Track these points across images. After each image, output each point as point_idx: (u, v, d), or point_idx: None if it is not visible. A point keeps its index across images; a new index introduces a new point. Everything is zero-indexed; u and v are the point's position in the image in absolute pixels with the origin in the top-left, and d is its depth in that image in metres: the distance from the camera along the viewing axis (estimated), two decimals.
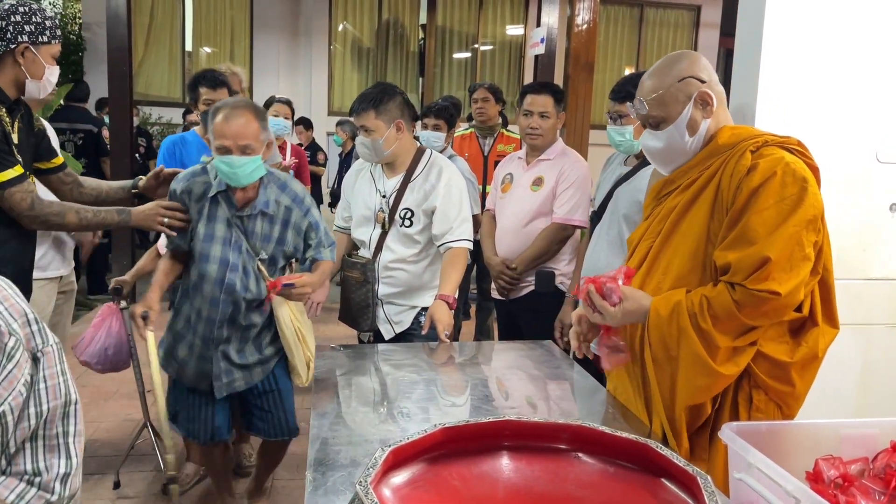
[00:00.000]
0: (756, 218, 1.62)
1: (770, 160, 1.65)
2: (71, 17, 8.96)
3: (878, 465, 1.37)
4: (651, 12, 10.68)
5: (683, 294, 1.69)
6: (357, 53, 10.23)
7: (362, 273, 2.74)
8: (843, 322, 2.52)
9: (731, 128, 1.79)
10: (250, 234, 2.38)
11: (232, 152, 2.24)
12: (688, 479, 0.95)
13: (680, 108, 1.76)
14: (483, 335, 4.94)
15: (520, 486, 1.04)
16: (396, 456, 0.99)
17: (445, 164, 2.77)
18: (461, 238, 2.68)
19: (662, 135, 1.80)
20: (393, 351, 2.48)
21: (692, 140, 1.78)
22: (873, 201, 2.48)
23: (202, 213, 2.39)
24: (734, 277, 1.63)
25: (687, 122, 1.76)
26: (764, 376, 1.71)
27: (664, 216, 1.83)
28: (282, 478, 3.23)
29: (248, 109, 2.29)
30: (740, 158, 1.68)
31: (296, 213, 2.42)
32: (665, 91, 1.76)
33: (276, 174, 2.43)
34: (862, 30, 2.41)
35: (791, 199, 1.62)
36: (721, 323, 1.64)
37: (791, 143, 1.75)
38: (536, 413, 1.91)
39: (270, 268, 2.43)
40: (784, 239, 1.60)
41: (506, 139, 4.74)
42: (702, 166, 1.78)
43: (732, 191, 1.67)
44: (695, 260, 1.74)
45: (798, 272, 1.62)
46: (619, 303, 1.71)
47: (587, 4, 5.41)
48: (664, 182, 1.88)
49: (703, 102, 1.76)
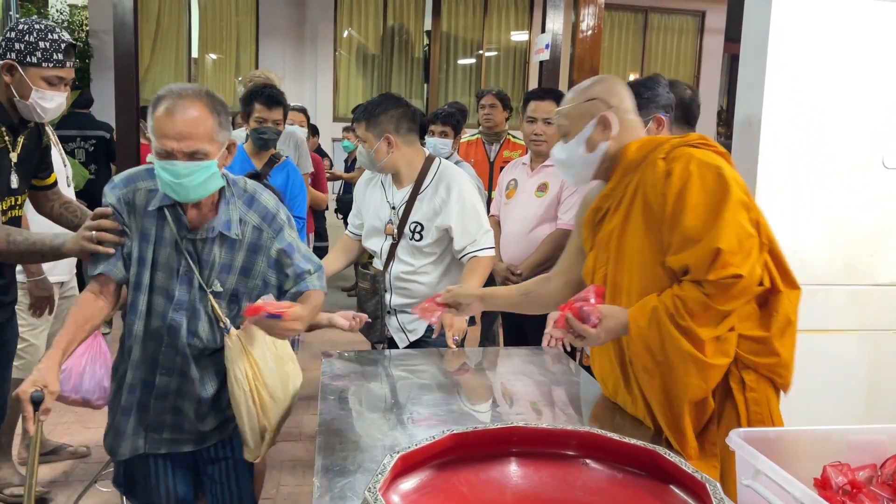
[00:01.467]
0: (691, 217, 1.69)
1: (682, 161, 1.74)
2: (78, 25, 9.01)
3: (887, 471, 1.37)
4: (655, 18, 10.68)
5: (656, 299, 1.74)
6: (362, 60, 10.25)
7: (372, 284, 2.75)
8: (851, 328, 2.53)
9: (636, 143, 1.88)
10: (205, 263, 1.88)
11: (175, 157, 1.74)
12: (696, 485, 0.95)
13: (582, 124, 1.90)
14: (488, 341, 4.94)
15: (528, 493, 1.05)
16: (405, 462, 0.99)
17: (454, 176, 2.71)
18: (485, 247, 2.67)
19: (566, 147, 1.94)
20: (400, 356, 2.48)
21: (589, 156, 1.90)
22: (880, 207, 2.49)
23: (144, 231, 1.88)
24: (696, 276, 1.69)
25: (586, 138, 1.89)
26: (749, 355, 1.77)
27: (606, 241, 1.90)
28: (288, 484, 3.24)
29: (200, 99, 1.78)
30: (655, 168, 1.78)
31: (266, 236, 1.92)
32: (574, 106, 1.92)
33: (241, 185, 1.95)
34: (868, 36, 2.41)
35: (714, 188, 1.70)
36: (698, 317, 1.69)
37: (693, 140, 1.84)
38: (542, 418, 1.92)
39: (230, 307, 1.93)
40: (725, 226, 1.66)
41: (512, 145, 4.74)
42: (622, 185, 1.87)
43: (659, 199, 1.76)
44: (650, 271, 1.80)
45: (750, 250, 1.69)
46: (598, 323, 1.75)
47: (591, 10, 5.42)
48: (594, 210, 1.96)
49: (603, 125, 1.88)
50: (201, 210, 1.87)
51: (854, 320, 2.52)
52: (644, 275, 1.80)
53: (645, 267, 1.80)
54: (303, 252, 1.99)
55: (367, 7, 10.03)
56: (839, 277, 2.51)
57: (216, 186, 1.82)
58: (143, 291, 1.89)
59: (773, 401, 1.81)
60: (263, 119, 3.23)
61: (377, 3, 9.98)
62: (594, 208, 1.96)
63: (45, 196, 2.50)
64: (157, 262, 1.88)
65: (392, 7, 10.10)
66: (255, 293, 1.94)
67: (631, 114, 1.92)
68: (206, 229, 1.87)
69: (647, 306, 1.74)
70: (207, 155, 1.76)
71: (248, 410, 1.91)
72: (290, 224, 1.98)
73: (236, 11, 9.76)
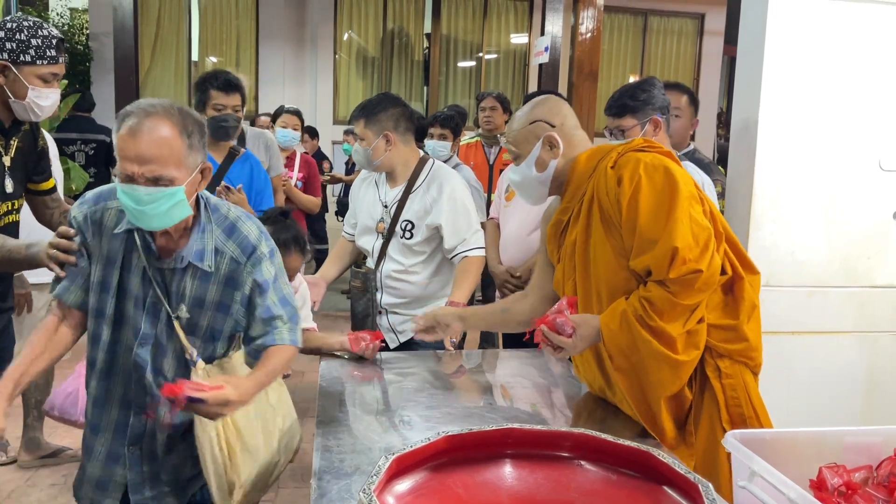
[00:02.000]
0: (645, 219, 1.74)
1: (629, 167, 1.79)
2: (78, 28, 9.03)
3: (882, 472, 1.37)
4: (655, 20, 10.69)
5: (624, 302, 1.79)
6: (362, 62, 10.27)
7: (363, 282, 2.76)
8: (848, 330, 2.54)
9: (584, 154, 1.94)
10: (174, 295, 1.69)
11: (137, 182, 1.54)
12: (689, 486, 0.95)
13: (530, 147, 1.97)
14: (487, 343, 4.94)
15: (523, 494, 1.05)
16: (400, 464, 1.00)
17: (446, 176, 2.73)
18: (475, 247, 2.68)
19: (519, 169, 2.02)
20: (398, 359, 2.48)
21: (540, 176, 1.97)
22: (877, 210, 2.49)
23: (110, 254, 1.69)
24: (658, 276, 1.74)
25: (535, 159, 1.96)
26: (721, 343, 1.81)
27: (570, 253, 1.94)
28: (287, 486, 3.24)
29: (169, 118, 1.57)
30: (606, 177, 1.83)
31: (243, 269, 1.69)
32: (519, 131, 1.99)
33: (223, 210, 1.74)
34: (863, 39, 2.42)
35: (663, 188, 1.75)
36: (666, 315, 1.74)
37: (637, 145, 1.89)
38: (541, 421, 1.92)
39: (207, 345, 1.73)
40: (678, 224, 1.71)
41: None
42: (577, 197, 1.93)
43: (614, 207, 1.80)
44: (617, 275, 1.84)
45: (706, 243, 1.73)
46: (573, 332, 1.81)
47: (591, 13, 5.43)
48: (554, 224, 2.01)
49: (549, 144, 1.94)
50: (171, 237, 1.67)
51: (851, 322, 2.53)
52: (611, 279, 1.85)
53: (611, 272, 1.85)
54: (280, 294, 1.74)
55: (367, 10, 10.06)
56: (836, 279, 2.51)
57: (182, 215, 1.61)
58: (107, 321, 1.70)
59: (751, 383, 1.85)
60: (222, 105, 2.97)
61: (377, 6, 10.01)
62: (554, 222, 2.01)
63: (44, 203, 2.46)
64: (123, 289, 1.69)
65: (392, 10, 10.12)
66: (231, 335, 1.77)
67: (576, 129, 1.99)
68: (175, 258, 1.67)
69: (616, 310, 1.79)
70: (173, 181, 1.56)
71: (214, 459, 1.69)
72: (272, 259, 1.74)
73: (236, 14, 9.78)
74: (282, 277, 1.77)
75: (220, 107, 2.97)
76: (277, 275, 1.75)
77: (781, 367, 2.35)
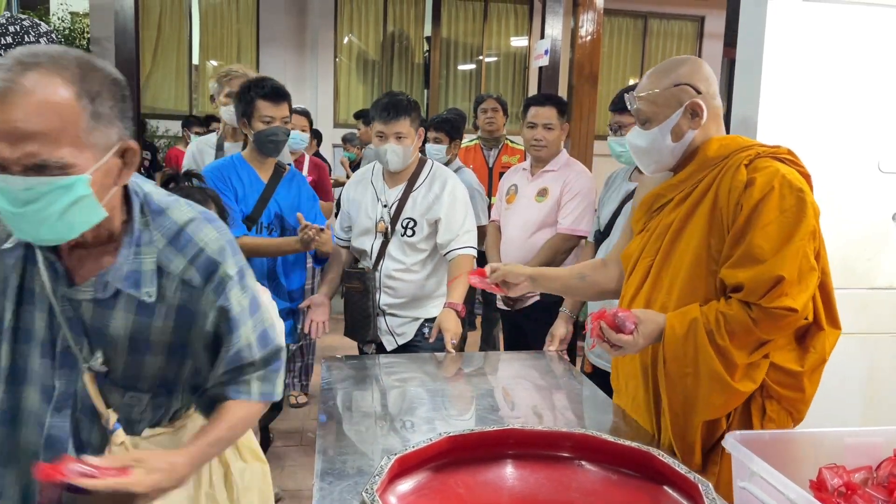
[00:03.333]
0: (760, 234, 1.62)
1: (766, 174, 1.65)
2: (79, 32, 9.03)
3: (882, 473, 1.37)
4: (655, 23, 10.70)
5: (698, 310, 1.68)
6: (362, 66, 10.28)
7: (362, 282, 2.76)
8: (849, 331, 2.53)
9: (719, 139, 1.78)
10: (96, 337, 1.21)
11: (9, 170, 1.03)
12: (689, 486, 0.96)
13: (669, 112, 1.76)
14: (488, 345, 4.95)
15: (524, 494, 1.06)
16: (402, 464, 1.00)
17: (449, 174, 2.80)
18: (466, 245, 2.70)
19: (647, 134, 1.80)
20: (399, 362, 2.49)
21: (674, 146, 1.78)
22: (876, 211, 2.50)
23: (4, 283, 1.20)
24: (749, 297, 1.63)
25: (672, 127, 1.77)
26: (776, 386, 1.72)
27: (661, 233, 1.82)
28: (289, 488, 3.24)
29: (58, 72, 1.04)
30: (735, 173, 1.68)
31: (203, 297, 1.23)
32: (659, 92, 1.77)
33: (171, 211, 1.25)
34: (863, 40, 2.42)
35: (791, 211, 1.63)
36: (738, 339, 1.64)
37: (782, 153, 1.75)
38: (542, 423, 1.92)
39: (158, 403, 1.30)
40: (792, 255, 1.61)
41: (510, 150, 4.77)
42: (693, 180, 1.77)
43: (732, 207, 1.67)
44: (697, 277, 1.73)
45: (808, 285, 1.64)
46: (635, 329, 1.68)
47: (591, 16, 5.44)
48: (655, 196, 1.87)
49: (692, 113, 1.76)
50: (87, 252, 1.18)
51: (851, 324, 2.51)
52: (691, 278, 1.73)
53: (694, 270, 1.73)
54: (259, 330, 1.29)
55: (368, 13, 10.06)
56: (836, 281, 2.49)
57: (87, 221, 1.10)
58: (6, 382, 1.21)
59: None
60: (270, 118, 2.67)
61: (377, 10, 10.02)
62: (656, 193, 1.86)
63: None
64: (21, 330, 1.19)
65: (392, 13, 10.13)
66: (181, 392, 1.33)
67: (717, 99, 1.80)
68: (94, 284, 1.18)
69: (687, 316, 1.69)
70: (67, 168, 1.04)
71: None
72: (243, 280, 1.27)
73: (237, 18, 9.80)
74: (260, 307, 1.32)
75: (268, 119, 2.66)
76: (254, 303, 1.29)
77: None
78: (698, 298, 1.73)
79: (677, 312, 1.71)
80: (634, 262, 1.88)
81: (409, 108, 2.64)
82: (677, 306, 1.74)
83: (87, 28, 9.17)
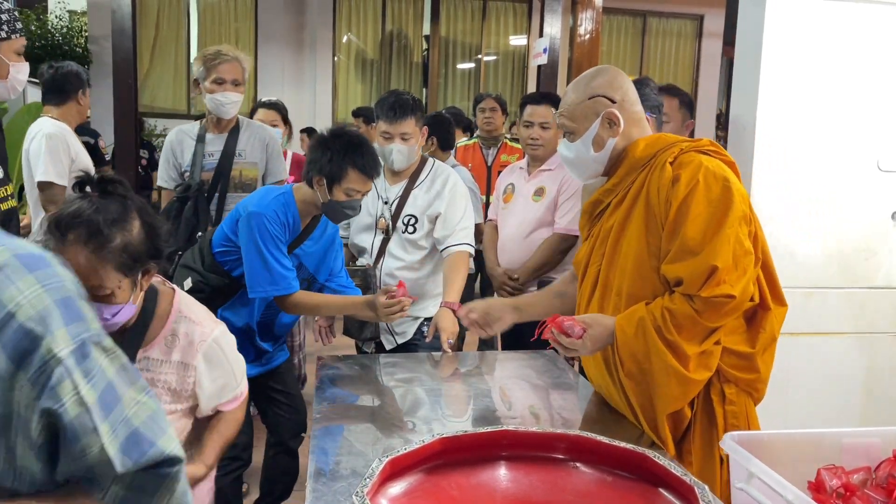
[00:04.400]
0: (692, 227, 1.66)
1: (690, 168, 1.70)
2: (77, 31, 9.02)
3: (881, 474, 1.36)
4: (654, 22, 10.69)
5: (644, 309, 1.73)
6: (361, 65, 10.27)
7: (363, 280, 2.75)
8: (847, 331, 2.53)
9: (644, 140, 1.83)
10: None
11: None
12: (685, 488, 0.95)
13: (588, 124, 1.83)
14: (486, 345, 4.94)
15: (518, 496, 1.04)
16: (394, 466, 0.99)
17: (451, 172, 2.80)
18: (462, 242, 2.69)
19: (573, 146, 1.87)
20: (396, 361, 2.47)
21: (597, 155, 1.85)
22: (875, 210, 2.49)
23: None
24: (689, 290, 1.67)
25: (593, 137, 1.83)
26: (732, 370, 1.75)
27: (604, 238, 1.87)
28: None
29: None
30: (661, 171, 1.74)
31: (20, 391, 0.84)
32: (576, 106, 1.84)
33: None
34: (862, 38, 2.41)
35: (718, 200, 1.67)
36: (686, 331, 1.68)
37: (704, 146, 1.79)
38: (539, 423, 1.91)
39: None
40: (724, 242, 1.64)
41: (509, 149, 4.76)
42: (625, 183, 1.83)
43: (663, 204, 1.72)
44: (644, 275, 1.77)
45: (745, 269, 1.67)
46: (583, 333, 1.73)
47: (590, 14, 5.43)
48: (593, 202, 1.93)
49: (609, 122, 1.82)
50: None
51: (849, 323, 2.52)
52: (637, 278, 1.78)
53: (639, 270, 1.78)
54: (122, 435, 0.90)
55: (366, 12, 10.06)
56: (835, 280, 2.51)
57: None
58: None
59: (752, 414, 1.81)
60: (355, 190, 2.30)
61: (376, 8, 10.01)
62: (594, 200, 1.92)
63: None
64: None
65: (391, 12, 10.12)
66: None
67: (636, 105, 1.86)
68: None
69: (634, 315, 1.73)
70: None
71: None
72: (86, 361, 0.88)
73: (235, 17, 9.79)
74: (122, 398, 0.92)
75: (352, 192, 2.29)
76: (110, 394, 0.90)
77: (780, 368, 2.33)
78: (647, 296, 1.76)
79: (625, 313, 1.75)
80: (584, 268, 1.94)
81: (414, 108, 2.66)
82: (628, 306, 1.78)
83: (86, 26, 9.16)
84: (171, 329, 1.69)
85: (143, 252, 1.49)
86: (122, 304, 1.49)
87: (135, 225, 1.48)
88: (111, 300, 1.46)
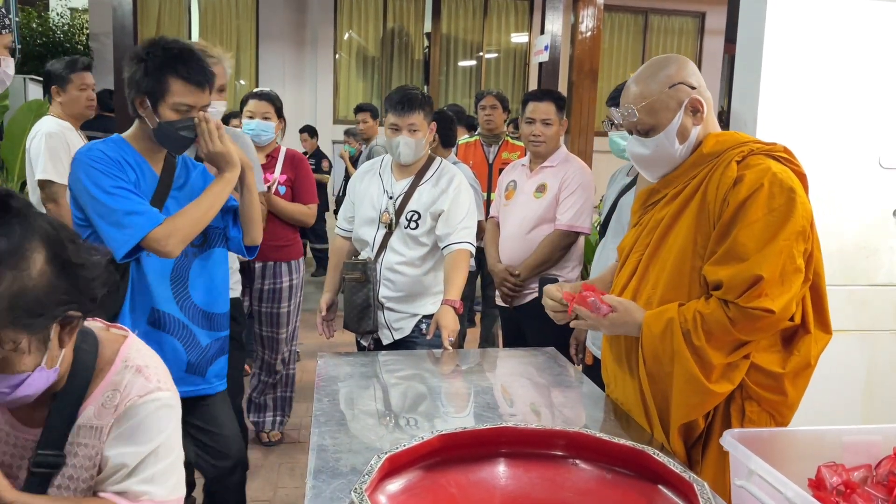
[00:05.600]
0: (745, 232, 1.59)
1: (756, 171, 1.61)
2: (78, 28, 9.03)
3: (881, 471, 1.36)
4: (655, 19, 10.68)
5: (676, 310, 1.66)
6: (362, 62, 10.27)
7: (363, 273, 2.75)
8: (848, 328, 2.52)
9: (715, 135, 1.74)
10: None
11: None
12: (685, 485, 0.94)
13: (671, 115, 1.71)
14: (487, 342, 4.95)
15: (517, 493, 1.04)
16: (393, 463, 0.99)
17: (456, 171, 2.82)
18: (464, 240, 2.69)
19: (651, 142, 1.75)
20: (396, 358, 2.47)
21: (682, 147, 1.74)
22: (876, 207, 2.48)
23: None
24: (727, 295, 1.60)
25: (677, 129, 1.72)
26: (756, 388, 1.68)
27: (652, 228, 1.80)
28: (286, 486, 3.23)
29: None
30: (726, 169, 1.65)
31: None
32: (655, 98, 1.71)
33: None
34: (863, 35, 2.41)
35: (779, 210, 1.58)
36: (715, 339, 1.62)
37: (777, 151, 1.71)
38: (540, 420, 1.91)
39: None
40: (775, 254, 1.57)
41: (510, 147, 4.76)
42: (687, 176, 1.74)
43: (719, 203, 1.64)
44: (681, 273, 1.71)
45: (790, 286, 1.60)
46: (608, 313, 1.69)
47: (591, 12, 5.43)
48: (650, 191, 1.85)
49: (693, 109, 1.71)
50: None
51: (851, 321, 2.51)
52: (675, 274, 1.71)
53: (679, 267, 1.71)
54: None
55: (367, 9, 10.05)
56: (836, 278, 2.50)
57: None
58: None
59: None
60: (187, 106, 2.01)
61: (377, 6, 10.00)
62: (651, 189, 1.84)
63: None
64: None
65: (392, 9, 10.12)
66: None
67: (707, 91, 1.75)
68: None
69: (664, 315, 1.67)
70: None
71: None
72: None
73: (236, 15, 9.78)
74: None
75: (181, 106, 2.01)
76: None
77: None
78: (682, 295, 1.70)
79: (655, 311, 1.69)
80: (626, 254, 1.87)
81: (423, 103, 2.68)
82: (661, 301, 1.72)
83: (87, 24, 9.17)
84: (110, 383, 1.26)
85: (53, 298, 1.10)
86: (27, 371, 1.12)
87: (35, 261, 1.08)
88: (9, 368, 1.10)
